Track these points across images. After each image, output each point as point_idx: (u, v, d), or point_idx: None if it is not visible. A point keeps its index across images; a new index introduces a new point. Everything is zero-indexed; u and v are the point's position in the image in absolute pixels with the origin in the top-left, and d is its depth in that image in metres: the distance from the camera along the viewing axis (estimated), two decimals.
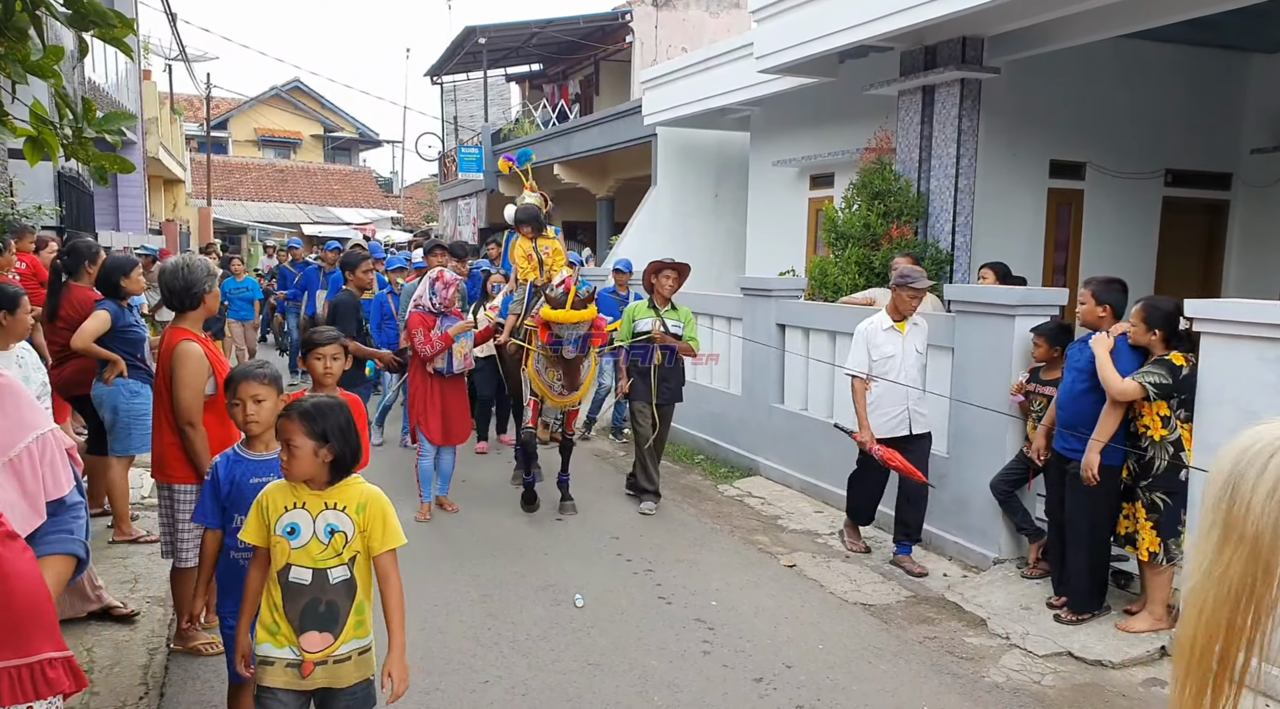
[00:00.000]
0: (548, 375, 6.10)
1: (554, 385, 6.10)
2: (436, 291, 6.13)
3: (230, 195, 33.09)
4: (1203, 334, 4.22)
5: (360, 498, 2.55)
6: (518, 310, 6.47)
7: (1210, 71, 8.88)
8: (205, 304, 3.91)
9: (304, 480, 2.49)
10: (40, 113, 2.80)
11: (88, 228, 11.35)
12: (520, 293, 6.53)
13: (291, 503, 2.49)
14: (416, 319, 6.10)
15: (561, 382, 6.05)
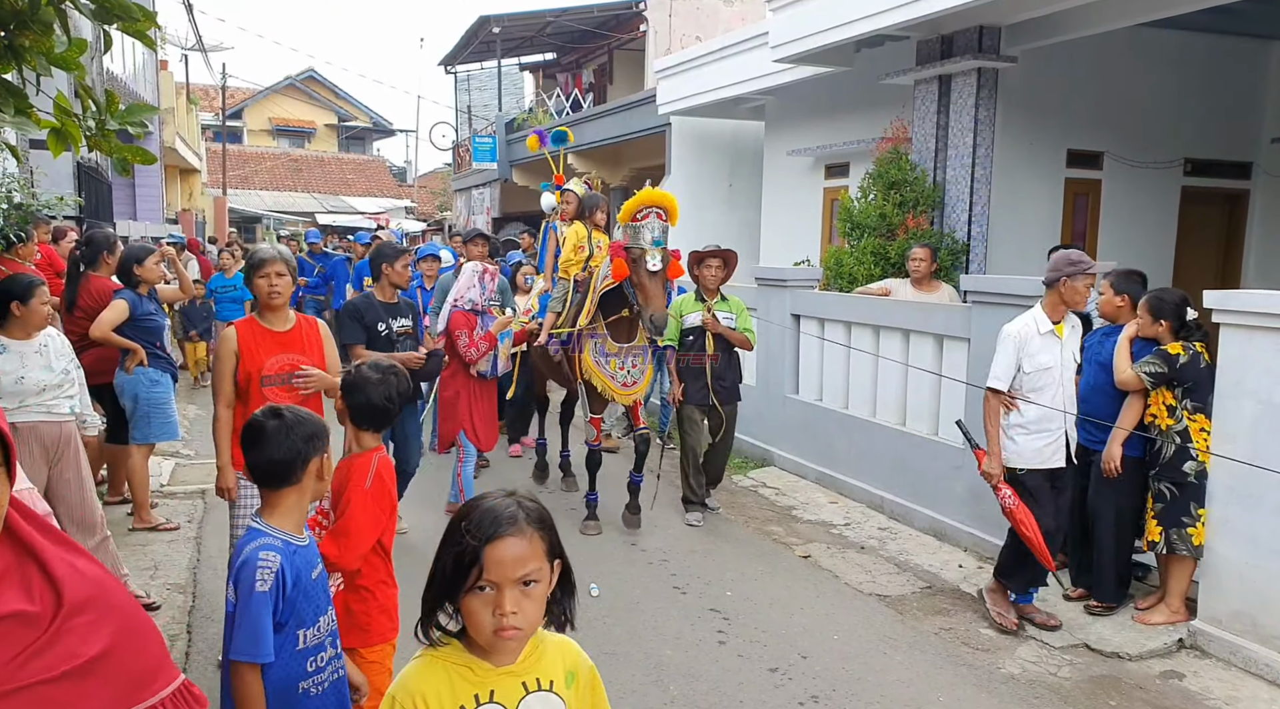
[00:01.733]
0: (609, 366, 5.65)
1: (618, 375, 5.66)
2: (486, 287, 5.78)
3: (245, 185, 33.23)
4: (1222, 325, 4.21)
5: (566, 661, 1.68)
6: (558, 308, 5.98)
7: (1230, 59, 8.77)
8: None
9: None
10: (64, 105, 2.83)
11: (106, 218, 11.43)
12: (561, 289, 6.03)
13: (476, 695, 1.54)
14: (460, 319, 5.72)
15: (630, 369, 5.66)
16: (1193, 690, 3.94)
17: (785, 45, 8.48)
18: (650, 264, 5.12)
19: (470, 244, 7.63)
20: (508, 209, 20.91)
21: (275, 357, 3.67)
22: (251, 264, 3.72)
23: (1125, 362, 4.46)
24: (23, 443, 4.08)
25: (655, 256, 5.14)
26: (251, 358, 3.65)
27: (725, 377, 6.09)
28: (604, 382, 5.64)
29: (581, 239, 6.01)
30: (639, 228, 5.17)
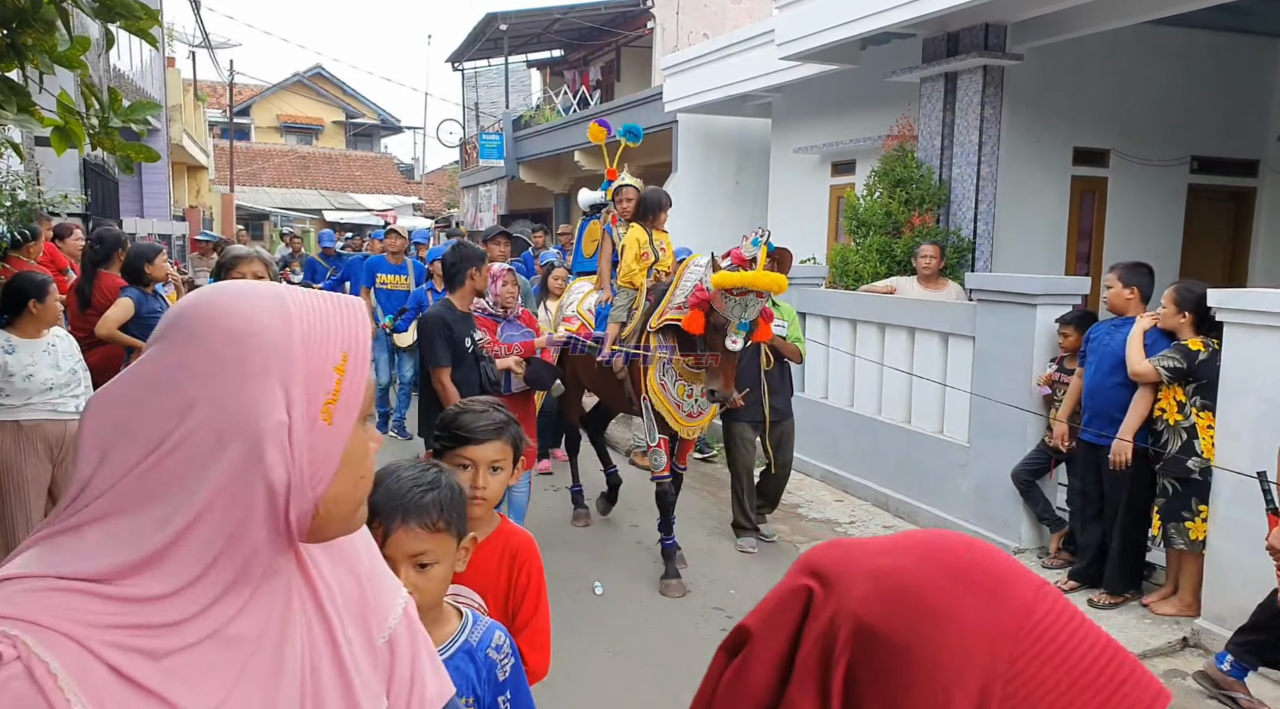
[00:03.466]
0: (676, 390, 4.94)
1: (684, 403, 4.95)
2: (491, 291, 5.07)
3: (253, 181, 33.29)
4: (1226, 324, 4.19)
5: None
6: (622, 318, 5.23)
7: (1237, 57, 8.73)
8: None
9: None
10: (67, 103, 2.84)
11: (113, 215, 11.47)
12: (625, 298, 5.25)
13: None
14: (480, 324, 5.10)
15: (698, 397, 4.91)
16: (1196, 689, 3.93)
17: (792, 43, 8.46)
18: (729, 342, 4.43)
19: (491, 244, 6.90)
20: (515, 206, 20.92)
21: None
22: (222, 264, 3.23)
23: (1140, 354, 4.43)
24: (27, 441, 4.10)
25: (738, 338, 4.44)
26: None
27: (779, 391, 5.56)
28: (666, 406, 4.97)
29: (644, 245, 5.24)
30: (732, 300, 4.37)
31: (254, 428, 0.79)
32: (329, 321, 0.85)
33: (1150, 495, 4.55)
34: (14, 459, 4.09)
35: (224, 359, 0.80)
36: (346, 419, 0.85)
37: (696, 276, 4.70)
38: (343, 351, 0.85)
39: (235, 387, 0.80)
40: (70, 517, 0.81)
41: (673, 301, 4.81)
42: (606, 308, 5.40)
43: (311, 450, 0.82)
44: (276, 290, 0.86)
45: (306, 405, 0.82)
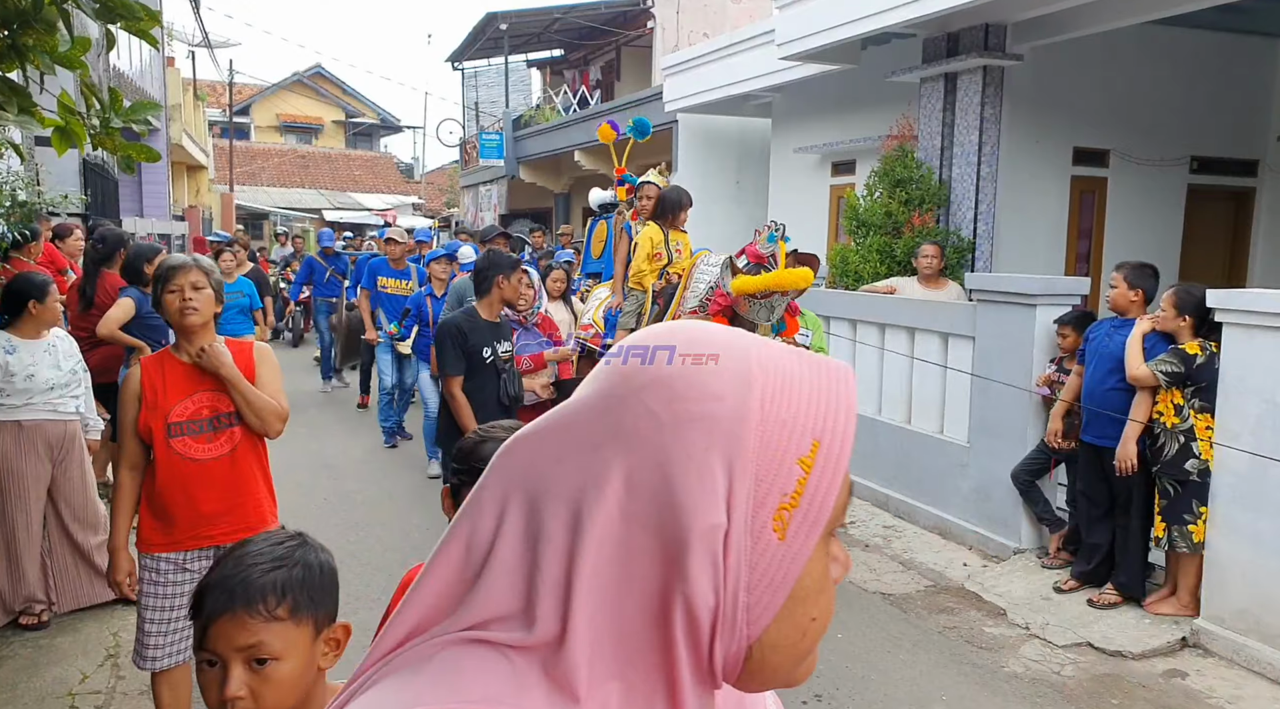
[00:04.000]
0: None
1: None
2: None
3: (253, 181, 33.29)
4: (1225, 324, 4.20)
5: None
6: (631, 324, 5.03)
7: (1237, 57, 8.73)
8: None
9: None
10: (68, 103, 2.84)
11: (113, 215, 11.45)
12: (634, 302, 5.05)
13: None
14: None
15: None
16: (1196, 689, 3.93)
17: (792, 43, 8.47)
18: None
19: (490, 244, 6.59)
20: (515, 206, 20.92)
21: (188, 397, 2.81)
22: (159, 275, 2.86)
23: (1138, 358, 4.43)
24: (28, 440, 4.10)
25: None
26: (155, 403, 2.79)
27: None
28: None
29: (658, 244, 5.00)
30: (757, 304, 4.18)
31: (679, 524, 0.59)
32: (800, 392, 0.63)
33: (1154, 496, 4.56)
34: (14, 459, 4.09)
35: (658, 422, 0.61)
36: (805, 535, 0.62)
37: (710, 277, 4.42)
38: (813, 439, 0.62)
39: (663, 462, 0.60)
40: (461, 614, 0.63)
41: (685, 305, 4.54)
42: (616, 314, 5.18)
43: (753, 571, 0.61)
44: (741, 339, 0.66)
45: (753, 508, 0.61)
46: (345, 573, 5.17)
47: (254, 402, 2.84)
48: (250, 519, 2.88)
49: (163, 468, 2.78)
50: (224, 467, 2.84)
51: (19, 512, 4.12)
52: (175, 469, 2.77)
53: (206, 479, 2.80)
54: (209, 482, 2.81)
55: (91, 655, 3.94)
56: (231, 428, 2.86)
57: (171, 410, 2.78)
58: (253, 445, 2.94)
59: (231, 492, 2.85)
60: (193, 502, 2.79)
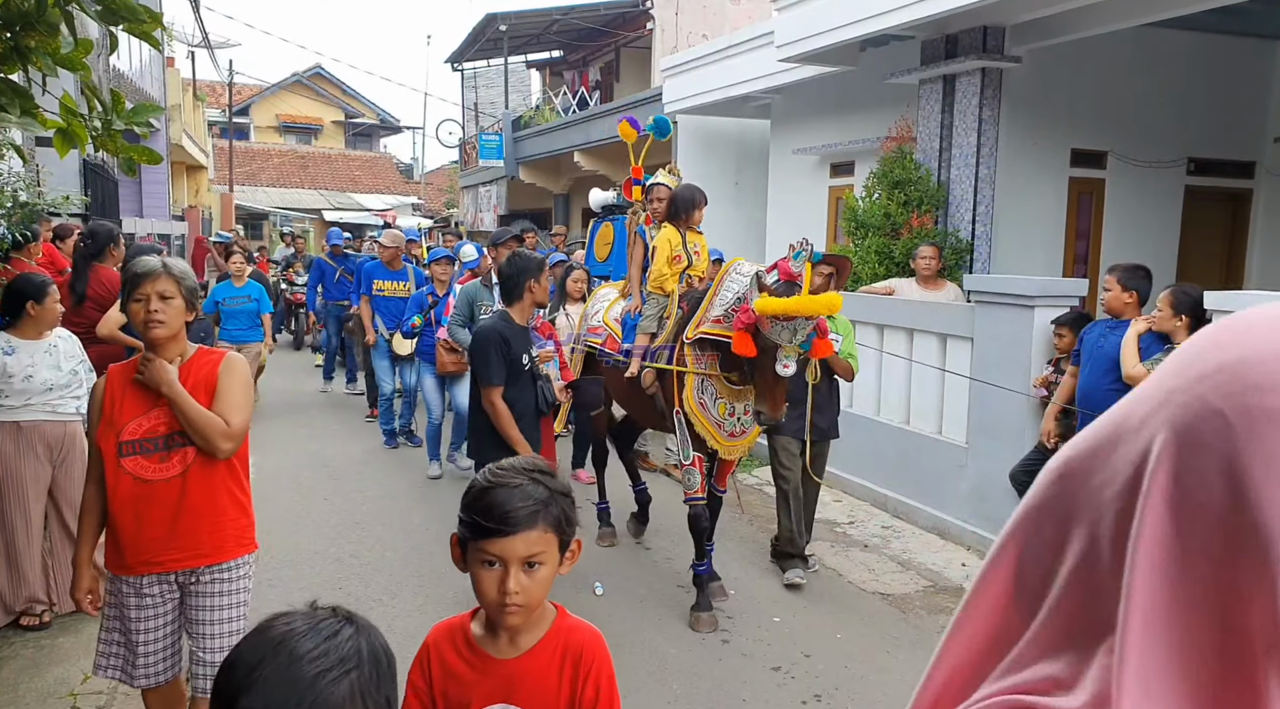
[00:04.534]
0: (716, 409, 4.50)
1: (725, 423, 4.51)
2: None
3: (252, 181, 33.30)
4: None
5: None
6: (651, 329, 4.80)
7: (1234, 59, 8.75)
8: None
9: None
10: (70, 105, 2.85)
11: (113, 215, 11.46)
12: (654, 306, 4.80)
13: None
14: None
15: (741, 415, 4.52)
16: None
17: (791, 45, 8.48)
18: (780, 367, 3.97)
19: (503, 247, 6.25)
20: (515, 206, 20.95)
21: (144, 413, 2.65)
22: (125, 280, 2.68)
23: (1134, 357, 4.46)
24: (26, 442, 4.11)
25: (790, 362, 3.99)
26: (111, 418, 2.65)
27: (824, 409, 5.13)
28: (707, 427, 4.51)
29: (676, 247, 4.76)
30: (779, 325, 3.92)
31: (1262, 554, 0.46)
32: None
33: None
34: (13, 460, 4.10)
35: (1224, 421, 0.49)
36: None
37: (739, 287, 4.24)
38: None
39: (1232, 471, 0.48)
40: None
41: (710, 312, 4.37)
42: (635, 318, 4.92)
43: None
44: None
45: None
46: (345, 573, 5.17)
47: (195, 420, 2.60)
48: (204, 546, 2.70)
49: (113, 488, 2.63)
50: (174, 489, 2.64)
51: (18, 513, 4.13)
52: (125, 490, 2.62)
53: (156, 501, 2.63)
54: (158, 504, 2.63)
55: (93, 656, 3.95)
56: (184, 447, 2.65)
57: (125, 427, 2.62)
58: (213, 465, 2.71)
59: (183, 516, 2.65)
60: (141, 525, 2.63)
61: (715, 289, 4.41)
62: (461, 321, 6.28)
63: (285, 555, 5.30)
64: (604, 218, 6.46)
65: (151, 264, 2.65)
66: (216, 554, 2.72)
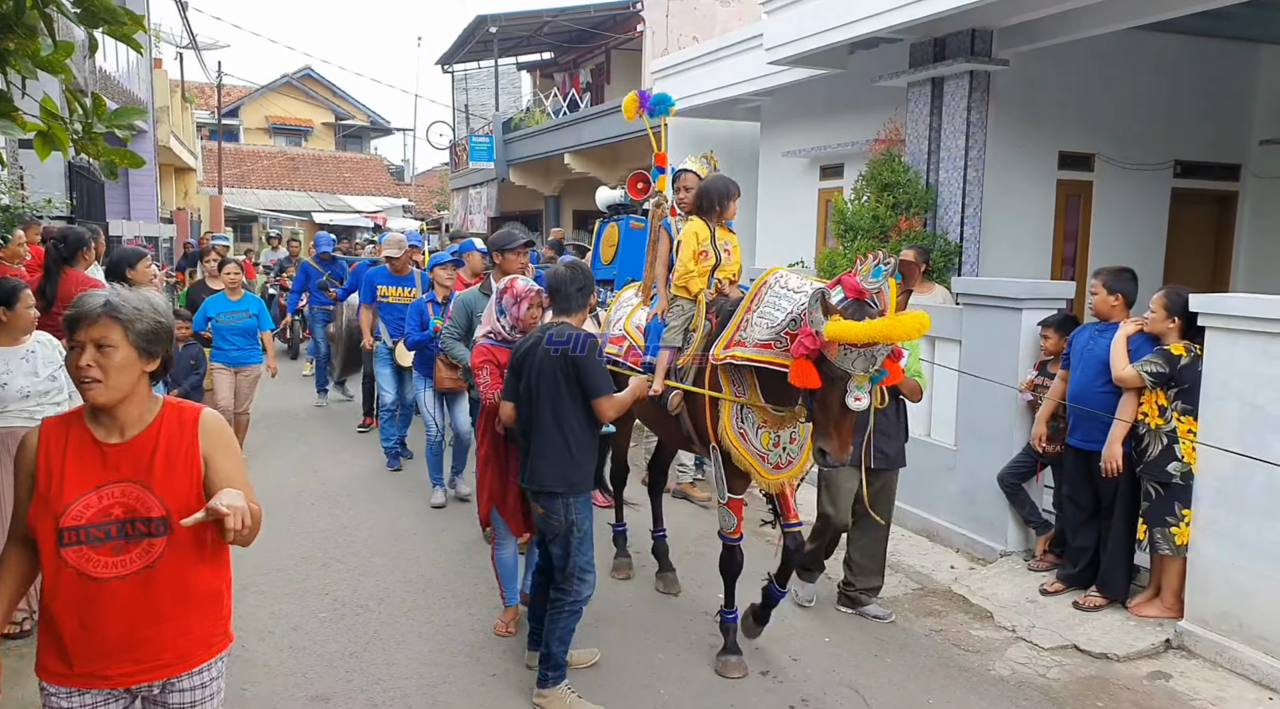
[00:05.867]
0: (759, 439, 3.97)
1: (769, 454, 4.00)
2: (506, 310, 4.17)
3: (242, 183, 33.18)
4: (1208, 328, 4.23)
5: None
6: (675, 342, 4.19)
7: (1220, 63, 8.81)
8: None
9: None
10: (50, 108, 2.83)
11: (99, 218, 11.39)
12: (680, 314, 4.20)
13: None
14: (484, 353, 4.19)
15: (788, 445, 4.03)
16: (1179, 691, 3.96)
17: (780, 47, 8.49)
18: (852, 400, 3.39)
19: (511, 254, 5.52)
20: (505, 208, 20.92)
21: (95, 490, 2.04)
22: (66, 317, 2.06)
23: (1124, 359, 4.47)
24: (3, 447, 4.06)
25: (863, 394, 3.40)
26: (48, 493, 2.05)
27: (891, 434, 4.61)
28: (748, 459, 3.99)
29: (704, 241, 4.19)
30: (854, 353, 3.34)
31: None
32: None
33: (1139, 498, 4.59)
34: None
35: None
36: None
37: (792, 306, 3.71)
38: None
39: None
40: None
41: (748, 333, 3.83)
42: (660, 324, 4.32)
43: None
44: None
45: None
46: (331, 577, 5.11)
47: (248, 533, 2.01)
48: (165, 656, 2.12)
49: (50, 583, 2.05)
50: (133, 588, 2.05)
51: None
52: (67, 589, 2.03)
53: (108, 605, 2.04)
54: (112, 608, 2.04)
55: None
56: (152, 537, 2.06)
57: (68, 509, 2.02)
58: (187, 558, 2.12)
59: (144, 623, 2.08)
60: (87, 629, 2.04)
61: (749, 303, 3.88)
62: (458, 334, 5.59)
63: (270, 561, 5.27)
64: (610, 217, 6.22)
65: (89, 303, 2.05)
66: (181, 663, 2.15)
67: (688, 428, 4.26)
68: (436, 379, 6.31)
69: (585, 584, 3.75)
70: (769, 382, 3.84)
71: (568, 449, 3.68)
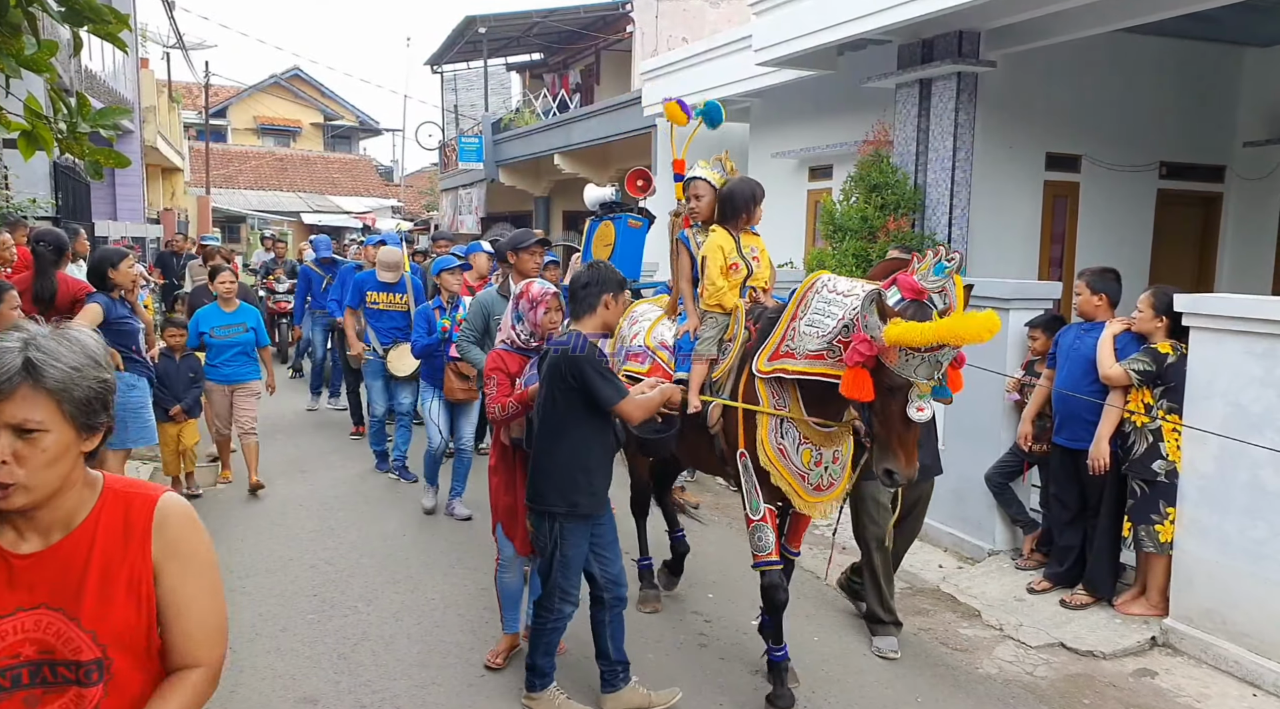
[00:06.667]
0: (800, 457, 3.64)
1: (810, 474, 3.66)
2: (523, 315, 3.86)
3: (229, 184, 33.04)
4: (1193, 328, 4.26)
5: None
6: (710, 354, 3.92)
7: (1204, 65, 8.87)
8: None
9: None
10: (35, 107, 2.81)
11: (85, 218, 11.32)
12: (713, 327, 3.94)
13: None
14: (495, 360, 3.88)
15: (830, 464, 3.70)
16: (1165, 688, 3.98)
17: (769, 49, 8.51)
18: (914, 410, 3.12)
19: (525, 254, 5.21)
20: (495, 209, 20.90)
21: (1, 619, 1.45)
22: None
23: (1110, 358, 4.50)
24: None
25: (926, 404, 3.12)
26: None
27: (925, 441, 4.02)
28: (786, 478, 3.66)
29: (730, 254, 3.91)
30: (917, 358, 3.05)
31: None
32: None
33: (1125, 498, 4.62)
34: None
35: None
36: None
37: (839, 310, 3.41)
38: None
39: None
40: None
41: (795, 343, 3.53)
42: (689, 343, 4.01)
43: None
44: None
45: None
46: (319, 579, 5.09)
47: None
48: None
49: None
50: None
51: None
52: None
53: None
54: None
55: None
56: (82, 687, 1.46)
57: None
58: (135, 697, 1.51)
59: None
60: None
61: (795, 310, 3.57)
62: (475, 338, 5.26)
63: (258, 562, 5.25)
64: (603, 217, 5.92)
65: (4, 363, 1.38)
66: None
67: (721, 448, 3.91)
68: (447, 390, 5.92)
69: (567, 604, 3.59)
70: (813, 394, 3.57)
71: (573, 466, 3.40)
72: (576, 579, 3.60)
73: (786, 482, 3.65)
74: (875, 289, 3.18)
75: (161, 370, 6.07)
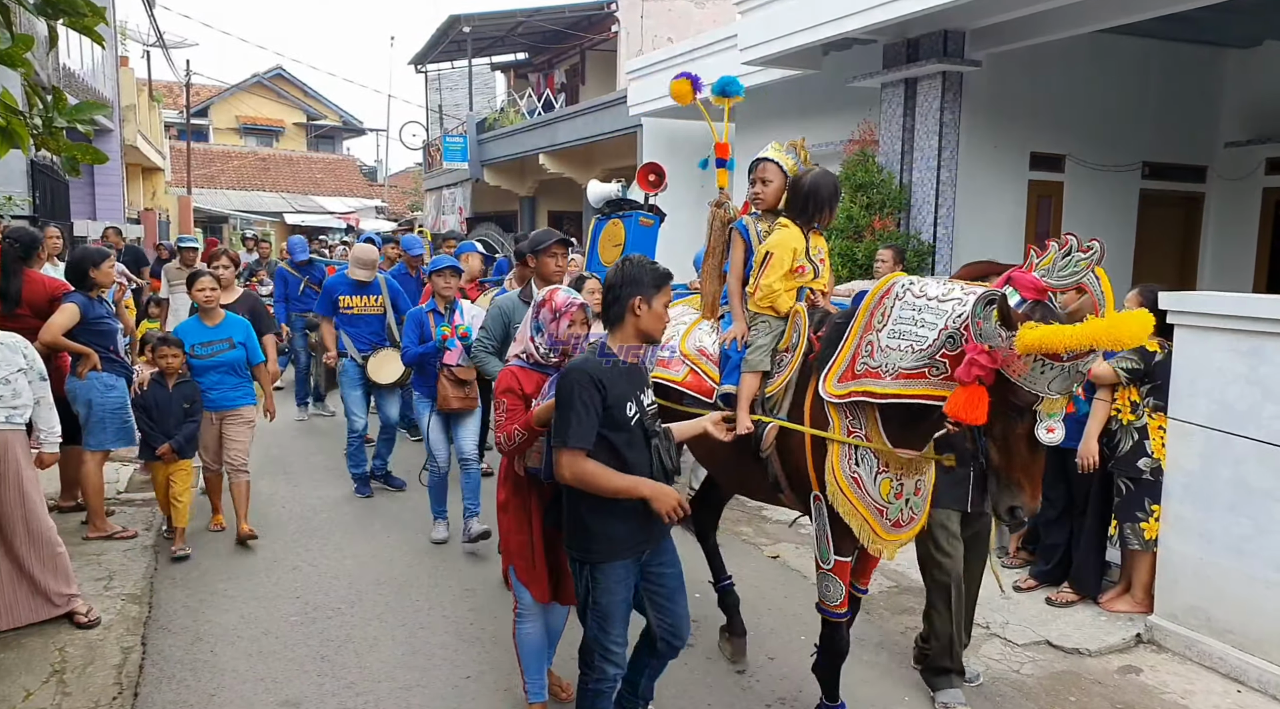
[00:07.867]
0: (878, 488, 3.13)
1: (889, 508, 3.16)
2: (543, 326, 3.39)
3: (211, 184, 32.80)
4: (1177, 326, 4.28)
5: None
6: (763, 366, 3.41)
7: (1187, 66, 8.94)
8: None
9: None
10: (9, 102, 2.76)
11: (63, 217, 11.18)
12: (765, 333, 3.45)
13: None
14: (508, 378, 3.41)
15: (911, 497, 3.21)
16: (1150, 685, 4.00)
17: (754, 48, 8.50)
18: (1044, 431, 2.68)
19: (545, 255, 4.83)
20: (480, 209, 20.83)
21: None
22: None
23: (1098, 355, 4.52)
24: None
25: (1057, 420, 2.68)
26: None
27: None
28: (860, 511, 3.14)
29: (800, 256, 3.44)
30: (1052, 369, 2.61)
31: None
32: None
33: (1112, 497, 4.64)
34: None
35: None
36: None
37: (934, 318, 2.90)
38: None
39: None
40: None
41: (880, 360, 3.01)
42: (737, 352, 3.51)
43: None
44: None
45: None
46: (303, 581, 5.03)
47: None
48: None
49: None
50: None
51: None
52: None
53: None
54: None
55: (36, 672, 3.83)
56: None
57: None
58: None
59: None
60: None
61: (869, 320, 3.07)
62: (493, 346, 4.90)
63: (241, 564, 5.19)
64: (609, 215, 5.63)
65: None
66: None
67: (775, 474, 3.40)
68: (441, 399, 5.44)
69: (609, 663, 3.04)
70: (899, 417, 3.05)
71: (599, 499, 2.94)
72: (617, 633, 3.03)
73: (861, 517, 3.13)
74: (989, 290, 2.67)
75: (150, 399, 5.25)
